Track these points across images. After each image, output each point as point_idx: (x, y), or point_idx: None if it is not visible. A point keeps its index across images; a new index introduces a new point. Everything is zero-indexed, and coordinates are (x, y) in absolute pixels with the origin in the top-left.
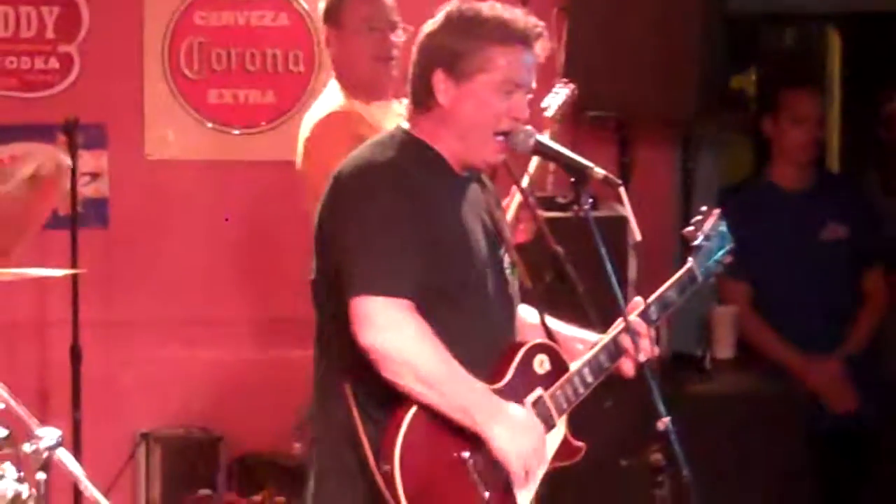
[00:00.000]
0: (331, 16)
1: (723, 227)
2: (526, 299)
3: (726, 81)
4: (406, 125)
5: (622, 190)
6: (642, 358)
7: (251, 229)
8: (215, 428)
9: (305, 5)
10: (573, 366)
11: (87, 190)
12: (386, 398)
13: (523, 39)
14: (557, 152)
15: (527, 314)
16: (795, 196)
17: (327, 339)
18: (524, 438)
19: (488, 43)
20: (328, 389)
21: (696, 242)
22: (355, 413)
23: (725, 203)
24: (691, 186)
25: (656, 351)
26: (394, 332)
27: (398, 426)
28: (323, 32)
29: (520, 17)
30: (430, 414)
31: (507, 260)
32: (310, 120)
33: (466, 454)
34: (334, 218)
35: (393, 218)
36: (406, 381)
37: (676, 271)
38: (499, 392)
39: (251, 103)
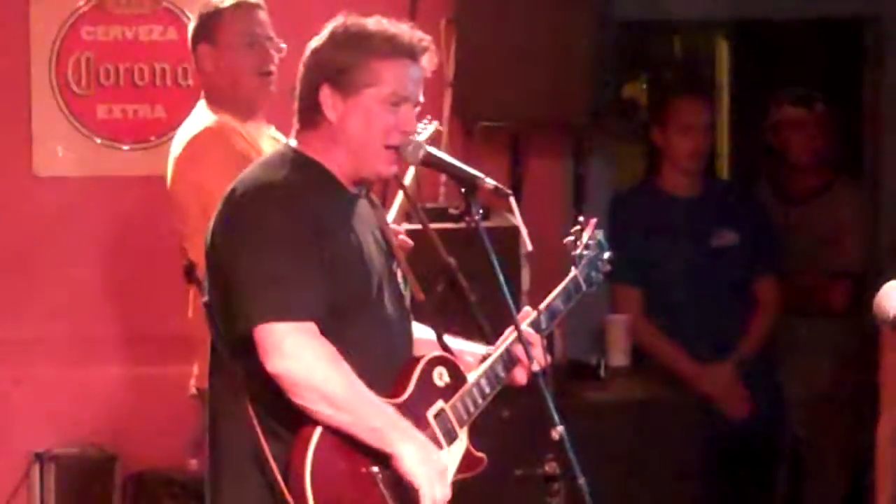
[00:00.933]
0: (204, 32)
1: (600, 236)
2: (418, 312)
3: (617, 90)
4: (294, 143)
5: (512, 200)
6: (535, 367)
7: (144, 245)
8: (110, 446)
9: (194, 19)
10: (471, 377)
11: None
12: (289, 415)
13: (409, 53)
14: (447, 163)
15: (417, 330)
16: (686, 203)
17: (224, 359)
18: (431, 460)
19: (374, 57)
20: (227, 407)
21: (576, 252)
22: (259, 432)
23: (616, 210)
24: (583, 195)
25: (548, 360)
26: (301, 358)
27: (306, 443)
28: (194, 50)
29: (406, 31)
30: (335, 437)
31: (399, 274)
32: (180, 139)
33: (375, 469)
34: (230, 242)
35: (290, 239)
36: (316, 406)
37: None
38: (401, 406)
39: (140, 118)
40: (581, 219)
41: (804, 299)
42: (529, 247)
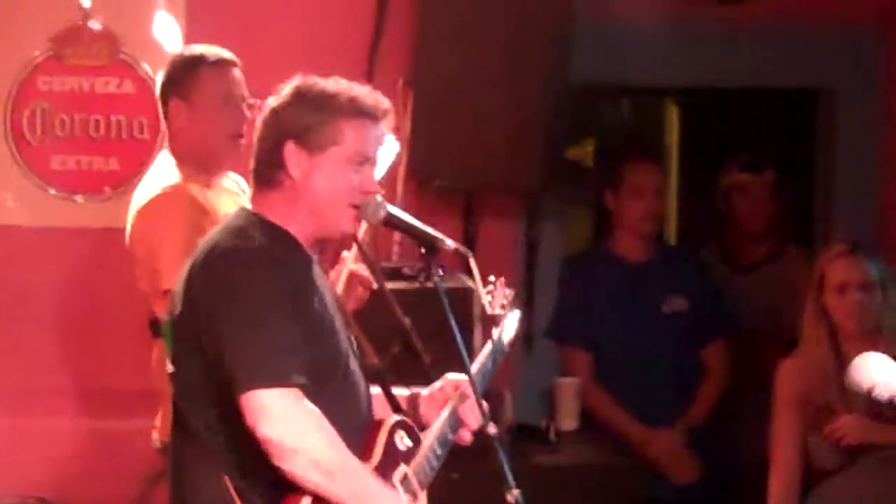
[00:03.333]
0: (178, 88)
1: (511, 296)
2: (369, 373)
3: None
4: (249, 206)
5: (472, 261)
6: (492, 430)
7: (96, 297)
8: (53, 497)
9: (150, 72)
10: (425, 440)
11: None
12: (270, 485)
13: (372, 114)
14: (408, 224)
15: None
16: (636, 268)
17: (195, 429)
18: None
19: (340, 116)
20: (201, 479)
21: (496, 312)
22: (236, 501)
23: (568, 274)
24: (534, 258)
25: (492, 423)
26: (291, 423)
27: None
28: (164, 102)
29: (368, 92)
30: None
31: (352, 337)
32: (142, 194)
33: None
34: (211, 308)
35: (273, 306)
36: (303, 472)
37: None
38: (372, 471)
39: (95, 170)
40: (492, 278)
41: (753, 366)
42: (489, 309)
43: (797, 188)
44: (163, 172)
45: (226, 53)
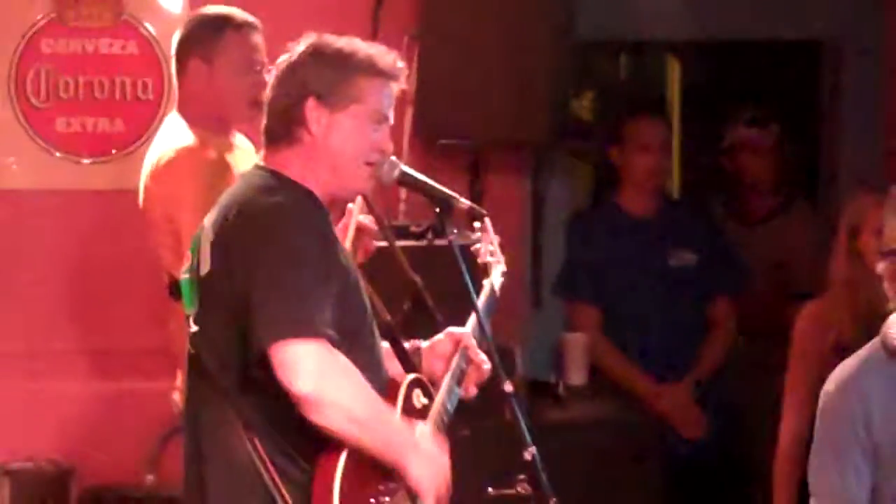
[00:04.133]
0: (199, 48)
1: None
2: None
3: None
4: (264, 164)
5: (487, 220)
6: (508, 388)
7: (103, 259)
8: (65, 460)
9: (154, 32)
10: (437, 397)
11: None
12: (297, 448)
13: (389, 73)
14: (423, 183)
15: None
16: (643, 222)
17: (221, 389)
18: (436, 469)
19: (360, 74)
20: (225, 439)
21: (487, 259)
22: (266, 462)
23: (574, 229)
24: (542, 213)
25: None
26: (326, 376)
27: (331, 470)
28: (181, 61)
29: (383, 51)
30: (355, 457)
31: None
32: (155, 155)
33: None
34: (241, 264)
35: (306, 259)
36: (339, 425)
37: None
38: None
39: (100, 132)
40: (477, 224)
41: (759, 320)
42: (504, 267)
43: (801, 141)
44: (175, 134)
45: (250, 17)
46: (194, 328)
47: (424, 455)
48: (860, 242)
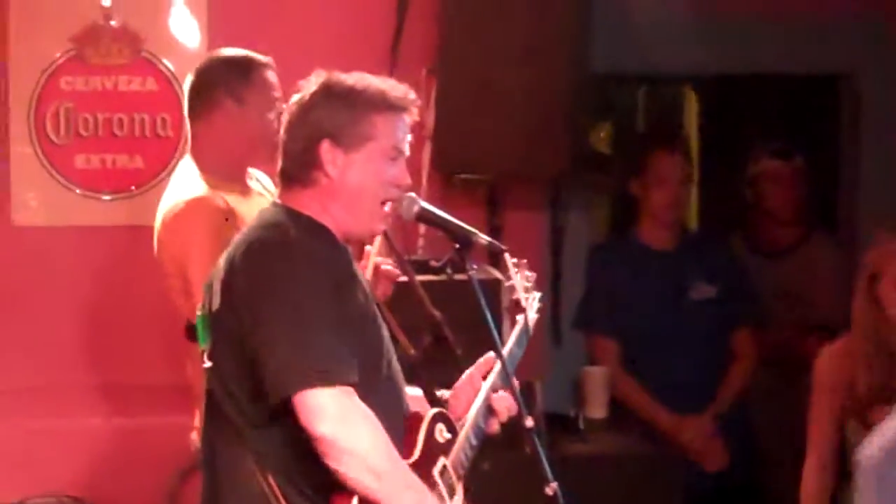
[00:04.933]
0: (231, 88)
1: (532, 279)
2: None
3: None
4: (279, 201)
5: (507, 255)
6: (529, 423)
7: (124, 295)
8: (84, 496)
9: (173, 69)
10: (461, 431)
11: None
12: (313, 489)
13: (401, 106)
14: (442, 219)
15: None
16: (664, 255)
17: (237, 426)
18: None
19: (371, 111)
20: (241, 477)
21: (519, 296)
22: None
23: (594, 262)
24: (561, 246)
25: (525, 412)
26: (347, 424)
27: None
28: (206, 104)
29: (394, 84)
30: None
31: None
32: (165, 206)
33: None
34: (254, 309)
35: (319, 301)
36: (356, 474)
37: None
38: (413, 466)
39: (119, 168)
40: (514, 260)
41: (779, 353)
42: (524, 303)
43: (821, 174)
44: (186, 183)
45: (263, 57)
46: (208, 364)
47: None
48: (879, 289)
